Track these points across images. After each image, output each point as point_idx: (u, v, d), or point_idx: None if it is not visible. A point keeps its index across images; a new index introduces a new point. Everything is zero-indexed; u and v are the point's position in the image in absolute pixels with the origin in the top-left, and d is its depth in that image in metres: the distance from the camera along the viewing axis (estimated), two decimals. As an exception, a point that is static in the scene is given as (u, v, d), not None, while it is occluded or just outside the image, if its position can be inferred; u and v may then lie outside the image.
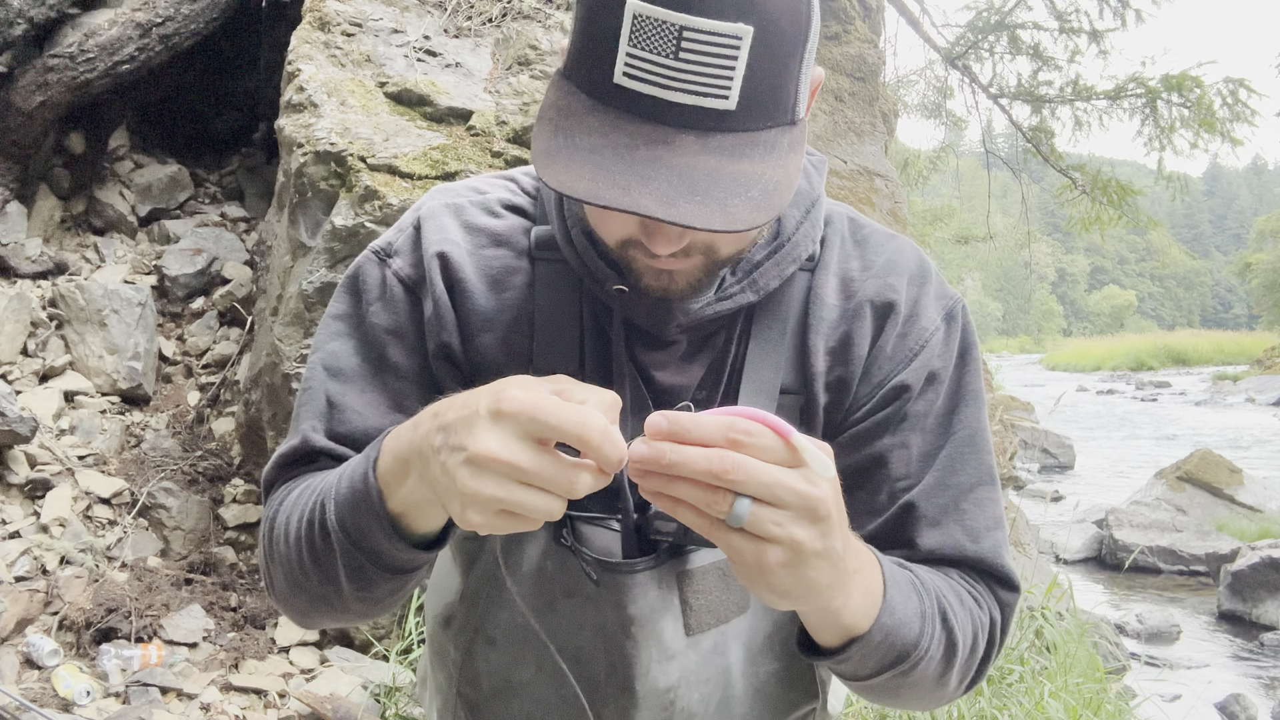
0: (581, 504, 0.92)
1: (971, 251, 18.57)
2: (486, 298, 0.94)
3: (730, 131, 0.75)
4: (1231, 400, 22.35)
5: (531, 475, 0.64)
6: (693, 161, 0.73)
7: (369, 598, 0.85)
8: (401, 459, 0.74)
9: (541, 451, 0.64)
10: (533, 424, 0.64)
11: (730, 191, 0.73)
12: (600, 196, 0.71)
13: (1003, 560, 0.94)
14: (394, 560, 0.80)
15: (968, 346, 0.98)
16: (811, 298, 0.96)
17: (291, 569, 0.88)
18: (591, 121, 0.75)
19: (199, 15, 4.57)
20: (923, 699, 0.92)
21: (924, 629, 0.84)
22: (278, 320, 3.56)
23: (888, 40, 10.28)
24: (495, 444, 0.64)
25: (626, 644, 0.93)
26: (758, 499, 0.65)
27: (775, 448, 0.66)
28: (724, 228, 0.71)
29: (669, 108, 0.74)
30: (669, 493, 0.66)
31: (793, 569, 0.68)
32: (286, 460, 0.96)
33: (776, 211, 0.73)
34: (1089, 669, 3.72)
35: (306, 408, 0.96)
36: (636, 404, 0.93)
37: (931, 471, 0.94)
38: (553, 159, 0.74)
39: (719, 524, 0.66)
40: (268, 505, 0.95)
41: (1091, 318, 74.45)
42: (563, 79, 0.80)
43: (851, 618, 0.78)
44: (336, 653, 3.29)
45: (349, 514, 0.79)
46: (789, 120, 0.78)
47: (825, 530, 0.68)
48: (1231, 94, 7.94)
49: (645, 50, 0.73)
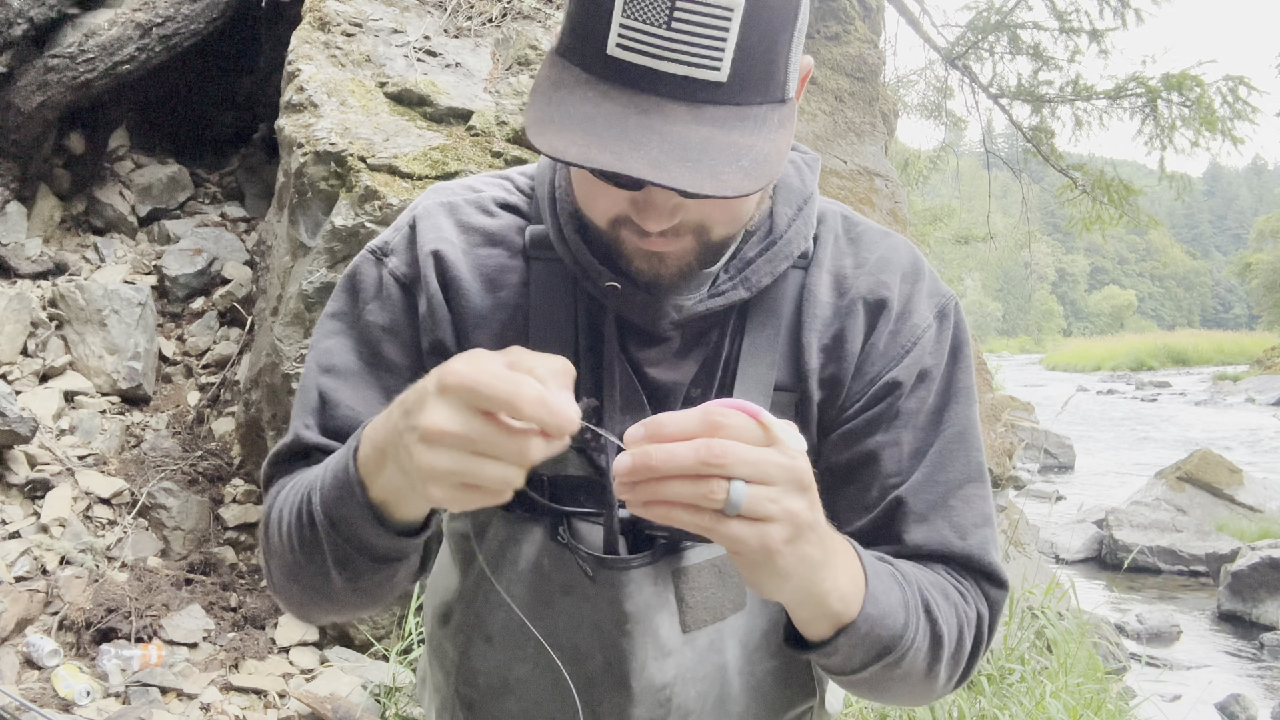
0: (577, 500, 0.93)
1: (971, 251, 18.57)
2: (481, 296, 0.95)
3: (721, 104, 0.76)
4: (1231, 400, 22.36)
5: (481, 445, 0.65)
6: (685, 130, 0.74)
7: (359, 588, 0.86)
8: (379, 448, 0.75)
9: (487, 421, 0.65)
10: (471, 395, 0.65)
11: (721, 160, 0.74)
12: (592, 159, 0.72)
13: (990, 557, 0.95)
14: (378, 548, 0.81)
15: (960, 344, 0.99)
16: (805, 295, 0.96)
17: (286, 562, 0.89)
18: (585, 92, 0.77)
19: (199, 15, 4.57)
20: (913, 693, 0.93)
21: (908, 619, 0.84)
22: (278, 320, 3.56)
23: (888, 40, 10.30)
24: (442, 417, 0.65)
25: (622, 640, 0.93)
26: (749, 480, 0.66)
27: (750, 428, 0.67)
28: (715, 193, 0.72)
29: (661, 78, 0.75)
30: (660, 497, 0.66)
31: (793, 545, 0.69)
32: (282, 457, 0.97)
33: (767, 181, 0.74)
34: (1089, 669, 3.72)
35: (301, 404, 0.97)
36: (630, 401, 0.93)
37: (921, 468, 0.94)
38: (545, 126, 0.75)
39: (716, 516, 0.67)
40: (265, 501, 0.96)
41: (1091, 318, 74.45)
42: (556, 57, 0.81)
43: (839, 602, 0.79)
44: (336, 653, 3.29)
45: (334, 505, 0.80)
46: (779, 98, 0.80)
47: (812, 500, 0.70)
48: (1232, 91, 7.92)
49: (638, 20, 0.74)
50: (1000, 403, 6.79)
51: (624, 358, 0.94)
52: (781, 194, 0.97)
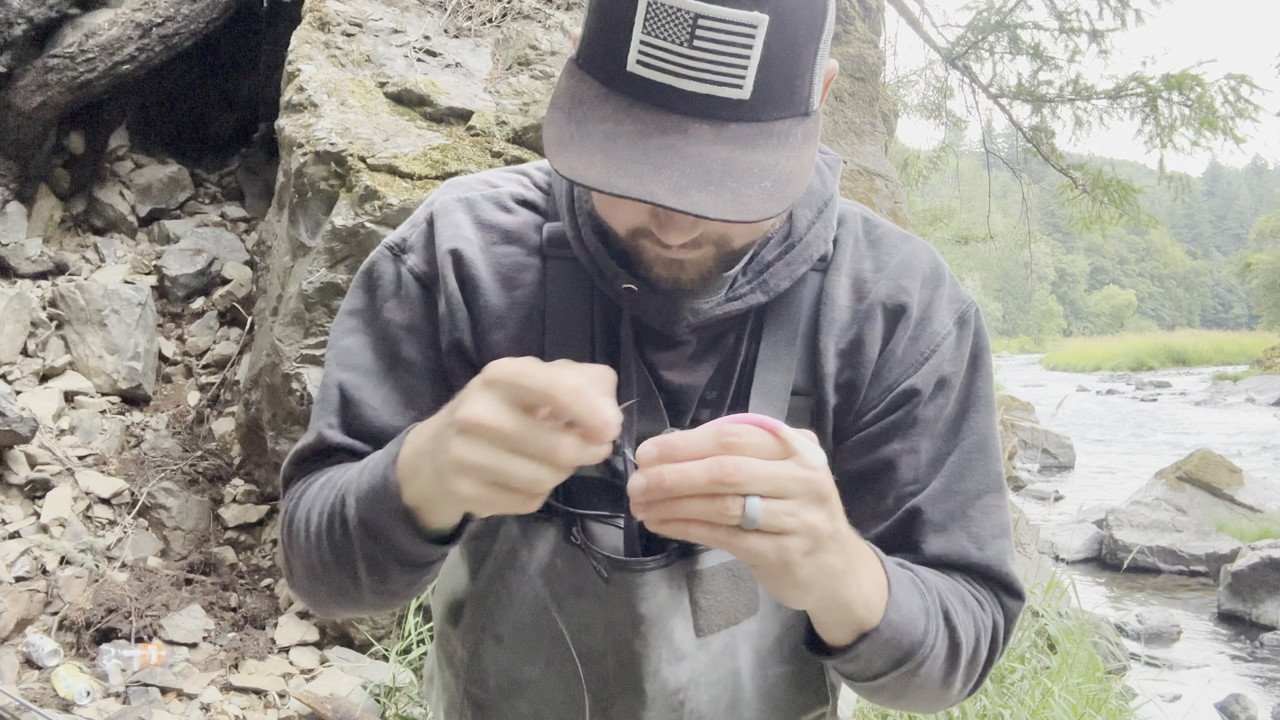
0: (591, 503, 0.93)
1: (971, 251, 18.55)
2: (498, 295, 0.95)
3: (744, 121, 0.74)
4: (1231, 400, 22.35)
5: (516, 440, 0.66)
6: (706, 151, 0.73)
7: (385, 590, 0.86)
8: (418, 452, 0.75)
9: (526, 417, 0.66)
10: (512, 388, 0.66)
11: (743, 181, 0.72)
12: (613, 185, 0.71)
13: (1007, 568, 0.94)
14: (410, 554, 0.81)
15: (979, 351, 0.97)
16: (823, 299, 0.95)
17: (311, 561, 0.89)
18: (604, 109, 0.75)
19: (199, 15, 4.57)
20: (929, 700, 0.92)
21: (928, 626, 0.84)
22: (278, 320, 3.56)
23: (888, 40, 10.29)
24: (482, 409, 0.67)
25: (636, 643, 0.93)
26: (765, 495, 0.66)
27: (766, 443, 0.67)
28: (737, 218, 0.71)
29: (682, 96, 0.73)
30: (676, 516, 0.67)
31: (813, 556, 0.69)
32: (304, 455, 0.97)
33: (789, 202, 0.73)
34: (1090, 669, 3.72)
35: (322, 404, 0.96)
36: (645, 404, 0.92)
37: (939, 477, 0.93)
38: (565, 146, 0.74)
39: (734, 531, 0.67)
40: (286, 499, 0.96)
41: (1091, 318, 74.46)
42: (576, 67, 0.80)
43: (864, 609, 0.78)
44: (336, 653, 3.29)
45: (369, 509, 0.80)
46: (803, 111, 0.78)
47: (832, 511, 0.70)
48: (1233, 90, 7.91)
49: (659, 38, 0.72)
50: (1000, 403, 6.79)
51: (640, 360, 0.93)
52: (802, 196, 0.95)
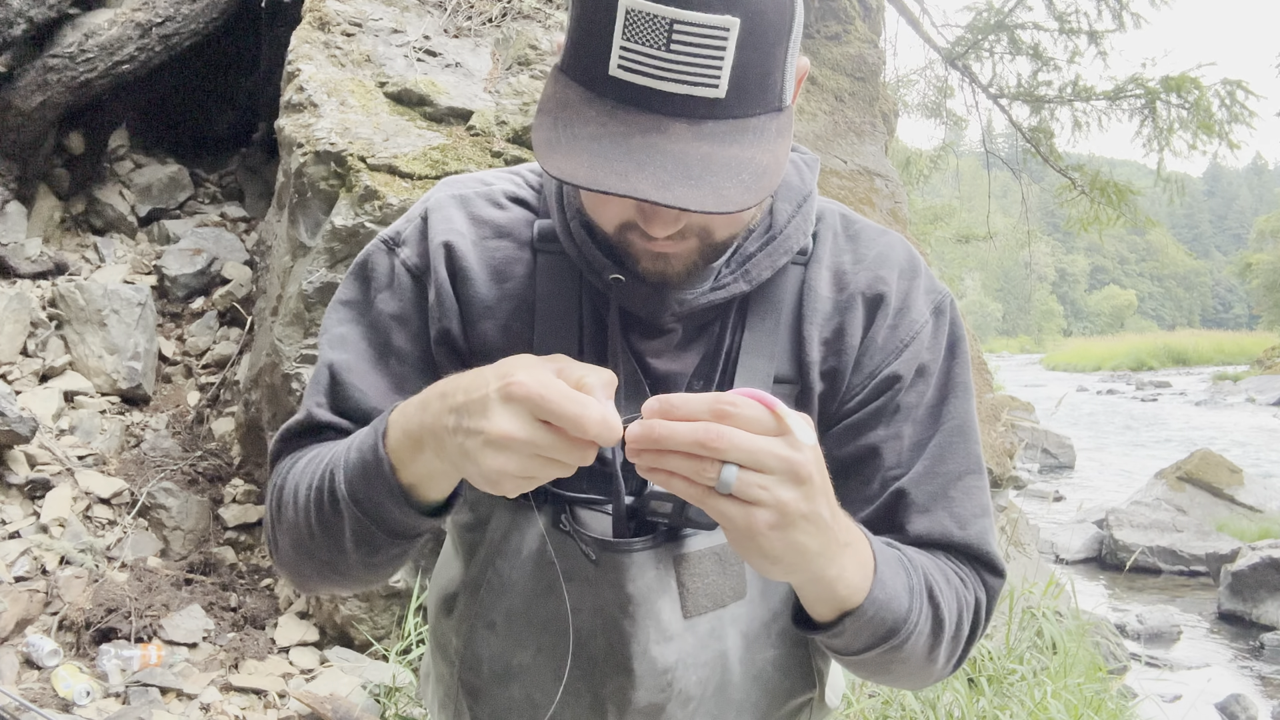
0: (580, 488, 0.96)
1: (971, 251, 18.57)
2: (488, 287, 0.99)
3: (721, 118, 0.79)
4: (1231, 400, 22.35)
5: (545, 449, 0.72)
6: (686, 148, 0.77)
7: (372, 562, 0.91)
8: (414, 436, 0.80)
9: (550, 429, 0.72)
10: (538, 409, 0.71)
11: (722, 175, 0.77)
12: (600, 183, 0.75)
13: (989, 546, 0.98)
14: (403, 526, 0.86)
15: (956, 340, 1.02)
16: (805, 290, 0.99)
17: (299, 535, 0.93)
18: (589, 112, 0.80)
19: (199, 15, 4.57)
20: (913, 676, 0.96)
21: (912, 604, 0.88)
22: (278, 320, 3.56)
23: (888, 40, 10.29)
24: (510, 425, 0.71)
25: (625, 622, 0.95)
26: (744, 466, 0.70)
27: (761, 418, 0.71)
28: (717, 209, 0.75)
29: (662, 97, 0.78)
30: (662, 466, 0.72)
31: (781, 531, 0.73)
32: (293, 432, 1.01)
33: (767, 193, 0.78)
34: (1090, 669, 3.72)
35: (314, 385, 1.01)
36: (632, 390, 0.96)
37: (921, 460, 0.98)
38: (553, 149, 0.79)
39: (710, 491, 0.72)
40: (274, 474, 1.00)
41: (1091, 318, 74.43)
42: (560, 73, 0.84)
43: (847, 589, 0.82)
44: (336, 653, 3.29)
45: (360, 484, 0.85)
46: (776, 107, 0.83)
47: (809, 493, 0.73)
48: (1229, 95, 7.94)
49: (638, 43, 0.77)
50: (1000, 402, 6.79)
51: (627, 349, 0.97)
52: (781, 191, 1.00)
